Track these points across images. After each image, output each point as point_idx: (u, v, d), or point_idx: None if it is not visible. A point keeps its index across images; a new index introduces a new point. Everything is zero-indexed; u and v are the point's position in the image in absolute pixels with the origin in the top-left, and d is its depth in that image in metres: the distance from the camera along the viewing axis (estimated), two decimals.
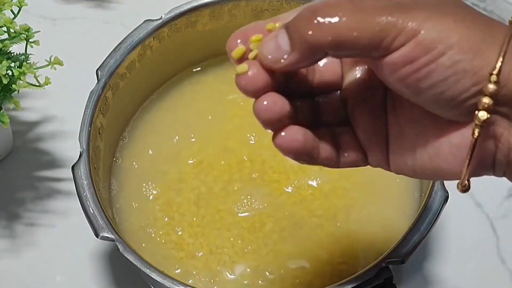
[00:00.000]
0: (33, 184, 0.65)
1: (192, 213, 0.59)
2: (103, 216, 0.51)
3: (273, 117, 0.32)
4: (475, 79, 0.30)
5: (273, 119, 0.32)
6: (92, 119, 0.56)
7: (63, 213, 0.64)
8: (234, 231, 0.58)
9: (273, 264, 0.56)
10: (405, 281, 0.60)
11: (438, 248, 0.61)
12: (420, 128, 0.33)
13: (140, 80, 0.62)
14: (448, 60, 0.29)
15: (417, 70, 0.30)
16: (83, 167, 0.53)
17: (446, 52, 0.29)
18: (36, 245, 0.63)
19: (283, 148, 0.33)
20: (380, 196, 0.59)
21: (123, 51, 0.59)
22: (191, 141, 0.62)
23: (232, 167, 0.61)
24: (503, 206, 0.63)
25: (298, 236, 0.57)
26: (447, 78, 0.30)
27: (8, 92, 0.55)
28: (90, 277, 0.61)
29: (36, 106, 0.69)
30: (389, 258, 0.49)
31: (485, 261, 0.61)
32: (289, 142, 0.33)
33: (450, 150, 0.32)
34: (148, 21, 0.60)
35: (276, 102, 0.32)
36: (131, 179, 0.61)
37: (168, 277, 0.49)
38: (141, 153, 0.62)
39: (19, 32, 0.54)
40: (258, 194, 0.59)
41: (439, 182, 0.52)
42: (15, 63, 0.54)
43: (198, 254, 0.57)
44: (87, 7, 0.76)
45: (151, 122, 0.64)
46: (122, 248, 0.50)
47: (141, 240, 0.58)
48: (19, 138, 0.68)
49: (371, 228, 0.58)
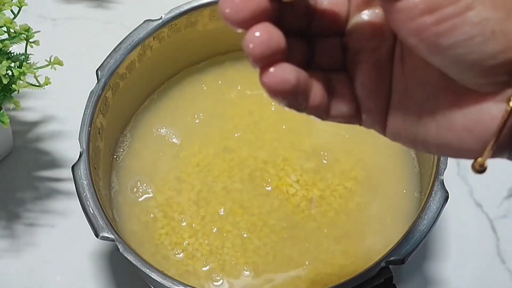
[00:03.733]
0: (33, 184, 0.65)
1: (192, 213, 0.59)
2: (103, 216, 0.51)
3: (266, 52, 0.27)
4: (505, 44, 0.25)
5: (266, 54, 0.27)
6: (92, 119, 0.56)
7: (63, 213, 0.64)
8: (234, 231, 0.58)
9: (273, 264, 0.56)
10: (405, 281, 0.60)
11: (438, 248, 0.61)
12: (431, 93, 0.29)
13: (140, 80, 0.62)
14: (476, 15, 0.25)
15: (437, 22, 0.25)
16: (83, 167, 0.53)
17: (475, 5, 0.25)
18: (36, 245, 0.63)
19: (271, 88, 0.28)
20: (380, 196, 0.59)
21: (123, 51, 0.59)
22: (191, 141, 0.62)
23: (232, 167, 0.61)
24: (503, 206, 0.63)
25: (298, 236, 0.57)
26: (473, 37, 0.25)
27: (8, 92, 0.55)
28: (90, 277, 0.61)
29: (36, 106, 0.69)
30: (389, 258, 0.49)
31: (485, 261, 0.61)
32: (279, 82, 0.28)
33: (464, 124, 0.28)
34: (148, 21, 0.60)
35: (271, 34, 0.27)
36: (131, 179, 0.61)
37: (168, 277, 0.49)
38: (141, 153, 0.62)
39: (19, 32, 0.54)
40: (258, 194, 0.59)
41: (439, 182, 0.52)
42: (15, 63, 0.54)
43: (198, 254, 0.57)
44: (87, 7, 0.76)
45: (151, 122, 0.64)
46: (122, 248, 0.50)
47: (141, 240, 0.58)
48: (19, 138, 0.68)
49: (371, 228, 0.58)
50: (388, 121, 0.31)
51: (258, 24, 0.27)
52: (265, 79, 0.28)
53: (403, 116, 0.30)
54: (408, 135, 0.30)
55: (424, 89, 0.29)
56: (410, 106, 0.30)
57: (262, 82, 0.28)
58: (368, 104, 0.31)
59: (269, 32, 0.27)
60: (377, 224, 0.58)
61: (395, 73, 0.30)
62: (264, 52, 0.27)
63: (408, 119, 0.30)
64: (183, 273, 0.56)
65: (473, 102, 0.27)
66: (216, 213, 0.58)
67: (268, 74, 0.28)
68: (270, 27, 0.27)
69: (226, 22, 0.27)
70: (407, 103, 0.30)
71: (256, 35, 0.27)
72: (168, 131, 0.63)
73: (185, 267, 0.56)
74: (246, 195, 0.59)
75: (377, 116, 0.31)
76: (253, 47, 0.27)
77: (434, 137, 0.29)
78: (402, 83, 0.30)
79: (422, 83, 0.29)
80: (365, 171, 0.60)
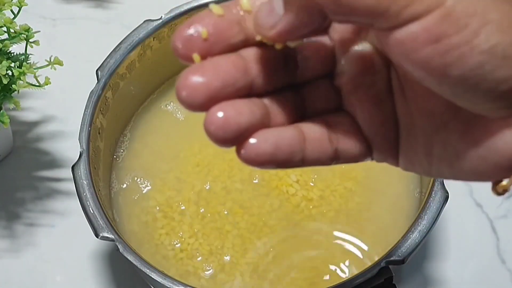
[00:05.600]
0: (33, 184, 0.65)
1: (192, 213, 0.59)
2: (103, 216, 0.51)
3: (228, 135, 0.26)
4: None
5: (229, 137, 0.26)
6: (92, 119, 0.56)
7: (63, 213, 0.64)
8: (234, 231, 0.58)
9: (273, 264, 0.56)
10: (405, 281, 0.60)
11: (438, 248, 0.61)
12: (439, 123, 0.27)
13: (140, 80, 0.62)
14: (485, 42, 0.23)
15: (445, 52, 0.23)
16: (83, 167, 0.53)
17: (482, 31, 0.23)
18: (36, 245, 0.63)
19: (250, 164, 0.26)
20: (380, 196, 0.59)
21: (123, 51, 0.59)
22: (191, 141, 0.62)
23: (232, 167, 0.61)
24: (503, 206, 0.63)
25: (298, 236, 0.57)
26: (483, 65, 0.24)
27: (8, 92, 0.55)
28: (90, 277, 0.61)
29: (36, 106, 0.69)
30: (389, 258, 0.49)
31: (485, 261, 0.61)
32: (255, 157, 0.26)
33: (478, 154, 0.26)
34: (148, 21, 0.60)
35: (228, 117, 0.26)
36: (131, 179, 0.61)
37: (168, 277, 0.49)
38: (141, 153, 0.62)
39: (19, 32, 0.54)
40: (258, 194, 0.59)
41: (439, 182, 0.52)
42: (15, 63, 0.54)
43: (198, 254, 0.57)
44: (87, 7, 0.76)
45: (151, 122, 0.64)
46: (122, 248, 0.50)
47: (141, 240, 0.58)
48: (19, 138, 0.68)
49: (372, 228, 0.58)
50: (400, 154, 0.30)
51: (216, 106, 0.26)
52: (241, 156, 0.26)
53: (414, 149, 0.29)
54: (422, 167, 0.29)
55: (431, 120, 0.28)
56: (420, 138, 0.28)
57: (239, 158, 0.27)
58: (377, 141, 0.29)
59: (226, 115, 0.26)
60: (377, 224, 0.58)
61: (398, 106, 0.29)
62: (225, 135, 0.26)
63: (420, 151, 0.29)
64: (183, 273, 0.56)
65: (485, 130, 0.26)
66: (216, 213, 0.58)
67: (242, 151, 0.26)
68: (228, 108, 0.26)
69: (184, 107, 0.26)
70: (417, 135, 0.28)
71: (217, 117, 0.26)
72: (168, 131, 0.63)
73: (185, 267, 0.56)
74: (246, 195, 0.59)
75: (389, 150, 0.30)
76: (214, 132, 0.26)
77: (448, 166, 0.28)
78: (407, 116, 0.29)
79: (428, 114, 0.28)
80: (365, 171, 0.60)
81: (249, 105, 0.26)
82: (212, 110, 0.26)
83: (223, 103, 0.26)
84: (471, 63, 0.24)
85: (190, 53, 0.26)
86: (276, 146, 0.27)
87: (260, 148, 0.26)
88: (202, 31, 0.26)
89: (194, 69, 0.26)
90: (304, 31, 0.26)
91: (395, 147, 0.30)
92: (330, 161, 0.29)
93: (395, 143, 0.30)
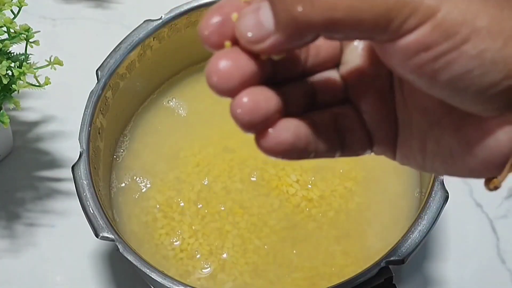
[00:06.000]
0: (33, 184, 0.65)
1: (192, 213, 0.59)
2: (103, 216, 0.51)
3: (256, 120, 0.26)
4: (506, 72, 0.24)
5: (256, 122, 0.26)
6: (92, 119, 0.56)
7: (63, 213, 0.64)
8: (234, 231, 0.58)
9: (273, 264, 0.56)
10: (405, 281, 0.60)
11: (438, 248, 0.61)
12: (433, 120, 0.28)
13: (140, 80, 0.62)
14: (473, 48, 0.24)
15: (434, 59, 0.24)
16: (83, 167, 0.53)
17: (471, 38, 0.24)
18: (36, 245, 0.63)
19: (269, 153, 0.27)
20: (380, 196, 0.59)
21: (123, 51, 0.59)
22: (191, 141, 0.62)
23: (232, 167, 0.61)
24: (503, 206, 0.63)
25: (298, 236, 0.57)
26: (472, 70, 0.24)
27: (8, 92, 0.55)
28: (90, 277, 0.61)
29: (36, 106, 0.69)
30: (389, 258, 0.49)
31: (485, 261, 0.61)
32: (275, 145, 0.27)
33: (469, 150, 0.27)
34: (148, 21, 0.60)
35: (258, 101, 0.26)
36: (131, 179, 0.61)
37: (168, 277, 0.49)
38: (141, 153, 0.62)
39: (19, 32, 0.54)
40: (258, 194, 0.59)
41: (439, 182, 0.52)
42: (15, 63, 0.54)
43: (198, 254, 0.57)
44: (87, 7, 0.76)
45: (151, 122, 0.64)
46: (122, 248, 0.50)
47: (141, 240, 0.58)
48: (19, 138, 0.68)
49: (371, 228, 0.58)
50: (397, 148, 0.30)
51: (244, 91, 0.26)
52: (261, 145, 0.27)
53: (410, 144, 0.30)
54: (416, 162, 0.30)
55: (425, 116, 0.28)
56: (415, 133, 0.29)
57: (259, 147, 0.27)
58: (379, 135, 0.30)
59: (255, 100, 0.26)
60: (377, 224, 0.58)
61: (397, 101, 0.30)
62: (252, 120, 0.26)
63: (414, 146, 0.29)
64: (183, 273, 0.56)
65: (476, 128, 0.27)
66: (216, 213, 0.58)
67: (263, 140, 0.27)
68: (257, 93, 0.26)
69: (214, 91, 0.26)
70: (412, 130, 0.29)
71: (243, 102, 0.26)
72: (168, 131, 0.63)
73: (185, 267, 0.56)
74: (246, 195, 0.59)
75: (388, 145, 0.30)
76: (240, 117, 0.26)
77: (441, 162, 0.29)
78: (405, 111, 0.29)
79: (423, 110, 0.28)
80: (365, 171, 0.60)
81: (274, 93, 0.27)
82: (241, 95, 0.26)
83: (252, 89, 0.26)
84: (460, 68, 0.24)
85: (222, 40, 0.26)
86: (296, 136, 0.27)
87: (281, 137, 0.27)
88: (233, 16, 0.26)
89: (224, 55, 0.26)
90: (293, 47, 0.26)
91: (394, 141, 0.30)
92: (335, 153, 0.30)
93: (394, 137, 0.30)
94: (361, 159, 0.60)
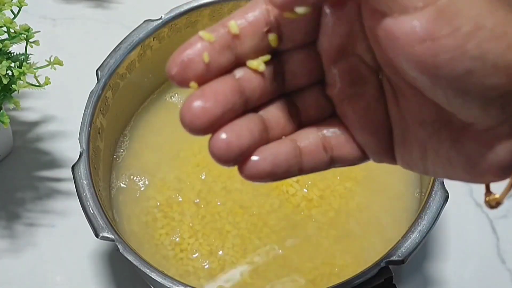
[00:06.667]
0: (33, 184, 0.65)
1: (192, 213, 0.59)
2: (103, 216, 0.51)
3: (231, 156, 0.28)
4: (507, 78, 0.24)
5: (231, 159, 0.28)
6: (92, 119, 0.56)
7: (63, 213, 0.64)
8: (234, 231, 0.58)
9: (273, 264, 0.56)
10: (405, 281, 0.60)
11: (438, 248, 0.61)
12: (431, 131, 0.28)
13: (140, 80, 0.62)
14: (477, 47, 0.23)
15: (437, 53, 0.24)
16: (83, 167, 0.53)
17: (476, 35, 0.23)
18: (36, 245, 0.63)
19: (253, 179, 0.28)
20: (380, 196, 0.59)
21: (123, 51, 0.59)
22: (191, 141, 0.62)
23: None
24: (503, 206, 0.63)
25: (298, 236, 0.57)
26: (472, 71, 0.24)
27: (8, 92, 0.55)
28: (90, 277, 0.61)
29: (36, 106, 0.69)
30: (389, 258, 0.49)
31: (485, 261, 0.61)
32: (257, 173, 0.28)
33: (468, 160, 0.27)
34: (148, 21, 0.60)
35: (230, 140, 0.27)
36: (131, 179, 0.61)
37: (168, 277, 0.49)
38: (141, 153, 0.62)
39: (19, 32, 0.54)
40: (258, 194, 0.59)
41: (439, 182, 0.52)
42: (15, 63, 0.54)
43: (198, 254, 0.57)
44: (87, 7, 0.76)
45: (151, 122, 0.64)
46: (122, 248, 0.50)
47: (141, 240, 0.58)
48: (19, 138, 0.68)
49: (371, 228, 0.58)
50: (396, 156, 0.30)
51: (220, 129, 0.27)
52: (242, 174, 0.28)
53: (409, 152, 0.30)
54: (418, 168, 0.30)
55: (423, 128, 0.28)
56: (414, 143, 0.29)
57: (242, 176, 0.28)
58: (371, 147, 0.30)
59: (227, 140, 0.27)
60: (377, 224, 0.58)
61: (392, 113, 0.29)
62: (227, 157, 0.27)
63: (414, 155, 0.29)
64: (183, 273, 0.56)
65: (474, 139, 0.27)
66: (216, 213, 0.58)
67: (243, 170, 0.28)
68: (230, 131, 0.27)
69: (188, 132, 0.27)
70: (411, 140, 0.29)
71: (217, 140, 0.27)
72: (168, 131, 0.63)
73: (185, 267, 0.56)
74: (246, 195, 0.59)
75: (384, 154, 0.31)
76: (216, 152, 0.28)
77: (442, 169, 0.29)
78: (402, 122, 0.29)
79: (421, 123, 0.28)
80: (365, 171, 0.60)
81: (248, 125, 0.28)
82: (215, 136, 0.27)
83: (225, 128, 0.27)
84: (462, 67, 0.24)
85: (187, 80, 0.27)
86: (274, 164, 0.28)
87: (260, 166, 0.28)
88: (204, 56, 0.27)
89: (196, 97, 0.27)
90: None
91: (390, 150, 0.30)
92: (327, 167, 0.31)
93: (389, 147, 0.30)
94: None
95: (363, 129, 0.30)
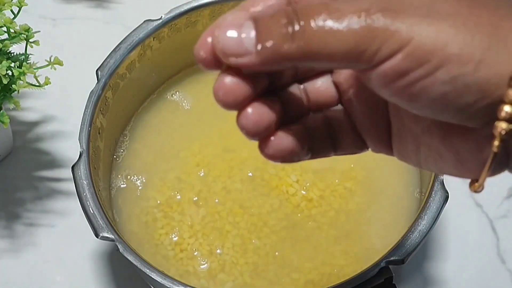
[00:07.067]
0: (33, 184, 0.65)
1: (192, 213, 0.59)
2: (103, 216, 0.51)
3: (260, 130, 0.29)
4: (480, 94, 0.25)
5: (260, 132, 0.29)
6: (92, 119, 0.56)
7: (63, 213, 0.64)
8: (234, 231, 0.58)
9: (273, 264, 0.56)
10: (405, 281, 0.60)
11: (438, 248, 0.61)
12: (424, 127, 0.30)
13: (140, 80, 0.62)
14: (446, 74, 0.25)
15: (410, 84, 0.26)
16: (83, 167, 0.53)
17: (443, 65, 0.25)
18: (36, 245, 0.63)
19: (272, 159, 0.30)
20: (380, 196, 0.59)
21: (123, 51, 0.59)
22: (191, 141, 0.62)
23: (232, 167, 0.61)
24: (503, 206, 0.63)
25: (298, 236, 0.57)
26: (446, 94, 0.26)
27: (8, 92, 0.55)
28: (90, 277, 0.61)
29: (36, 106, 0.69)
30: (389, 258, 0.49)
31: (485, 261, 0.61)
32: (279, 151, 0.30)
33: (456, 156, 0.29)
34: (148, 21, 0.60)
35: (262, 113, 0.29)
36: (131, 179, 0.61)
37: (168, 277, 0.49)
38: (141, 153, 0.62)
39: (19, 32, 0.54)
40: (258, 194, 0.59)
41: (439, 182, 0.52)
42: (15, 63, 0.54)
43: (198, 254, 0.57)
44: (87, 7, 0.76)
45: (151, 122, 0.64)
46: (122, 248, 0.50)
47: (141, 240, 0.58)
48: (19, 138, 0.68)
49: (371, 228, 0.58)
50: (393, 147, 0.32)
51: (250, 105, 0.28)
52: (264, 151, 0.30)
53: (404, 146, 0.31)
54: (412, 161, 0.32)
55: (416, 123, 0.30)
56: (409, 138, 0.31)
57: (262, 154, 0.30)
58: (370, 137, 0.32)
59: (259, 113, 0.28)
60: (377, 224, 0.58)
61: (390, 109, 0.31)
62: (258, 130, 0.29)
63: (409, 148, 0.31)
64: (183, 273, 0.56)
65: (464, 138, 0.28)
66: (216, 213, 0.58)
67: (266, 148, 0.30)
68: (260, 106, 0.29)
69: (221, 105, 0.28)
70: (407, 135, 0.31)
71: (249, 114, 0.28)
72: (168, 131, 0.63)
73: (185, 267, 0.56)
74: (246, 195, 0.59)
75: (382, 145, 0.32)
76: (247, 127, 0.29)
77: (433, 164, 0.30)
78: (398, 118, 0.31)
79: (413, 118, 0.30)
80: (365, 171, 0.60)
81: (273, 103, 0.29)
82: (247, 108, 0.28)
83: (256, 103, 0.28)
84: (435, 93, 0.26)
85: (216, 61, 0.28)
86: (294, 142, 0.30)
87: (282, 144, 0.30)
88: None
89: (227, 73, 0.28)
90: (266, 71, 0.28)
91: (388, 142, 0.32)
92: (330, 154, 0.33)
93: (388, 139, 0.32)
94: (361, 159, 0.60)
95: (365, 118, 0.32)
